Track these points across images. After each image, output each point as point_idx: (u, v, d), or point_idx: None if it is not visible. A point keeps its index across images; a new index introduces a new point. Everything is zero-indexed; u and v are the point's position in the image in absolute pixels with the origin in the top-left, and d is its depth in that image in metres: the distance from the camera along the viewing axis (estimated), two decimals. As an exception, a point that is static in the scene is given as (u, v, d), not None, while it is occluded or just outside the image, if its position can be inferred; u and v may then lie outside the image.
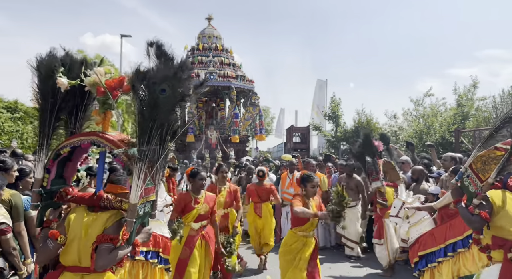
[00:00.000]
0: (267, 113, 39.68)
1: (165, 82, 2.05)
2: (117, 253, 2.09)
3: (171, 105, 2.10)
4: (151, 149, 2.05)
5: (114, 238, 2.09)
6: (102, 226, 2.14)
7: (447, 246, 3.82)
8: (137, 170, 2.04)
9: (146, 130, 2.06)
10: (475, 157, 2.83)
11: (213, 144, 15.54)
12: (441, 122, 16.31)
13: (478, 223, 2.69)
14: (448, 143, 14.94)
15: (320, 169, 7.74)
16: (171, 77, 2.06)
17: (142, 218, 2.17)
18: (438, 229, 4.03)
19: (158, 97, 2.05)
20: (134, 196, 2.04)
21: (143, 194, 2.09)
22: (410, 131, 17.82)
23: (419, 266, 4.08)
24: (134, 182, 2.04)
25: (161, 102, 2.06)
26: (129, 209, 2.06)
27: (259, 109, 17.58)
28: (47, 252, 2.16)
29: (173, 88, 2.07)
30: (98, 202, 2.22)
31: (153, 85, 2.05)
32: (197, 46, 17.23)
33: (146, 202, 2.16)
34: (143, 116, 2.08)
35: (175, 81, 2.06)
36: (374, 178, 5.37)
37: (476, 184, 2.79)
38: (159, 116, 2.06)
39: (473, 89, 16.86)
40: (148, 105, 2.06)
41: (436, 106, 18.12)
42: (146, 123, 2.06)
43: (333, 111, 19.55)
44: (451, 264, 3.75)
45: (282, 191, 7.25)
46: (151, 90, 2.05)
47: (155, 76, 2.05)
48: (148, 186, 2.15)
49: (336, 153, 18.32)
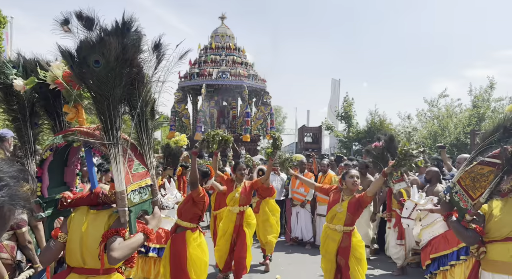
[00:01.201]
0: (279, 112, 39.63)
1: (94, 52, 1.82)
2: (130, 241, 1.95)
3: (117, 75, 1.85)
4: (118, 130, 1.90)
5: (120, 230, 1.97)
6: (105, 224, 2.03)
7: (460, 249, 3.77)
8: (113, 155, 1.90)
9: (103, 112, 1.88)
10: (463, 172, 2.60)
11: (224, 142, 15.56)
12: (456, 123, 16.05)
13: (472, 238, 2.47)
14: (463, 144, 14.69)
15: (332, 168, 7.71)
16: (98, 44, 1.81)
17: (140, 206, 2.03)
18: (451, 232, 3.96)
19: (95, 70, 1.83)
20: (118, 183, 1.90)
21: (133, 179, 1.96)
22: (424, 132, 17.57)
23: (431, 268, 4.03)
24: (113, 168, 1.91)
25: (101, 76, 1.83)
26: (117, 197, 1.92)
27: (271, 108, 17.58)
28: (49, 252, 2.08)
29: (106, 56, 1.81)
30: (96, 200, 2.13)
31: (85, 60, 1.83)
32: (210, 45, 17.31)
33: (140, 188, 2.02)
34: (95, 97, 1.90)
35: (106, 47, 1.80)
36: (398, 178, 5.28)
37: (466, 201, 2.55)
38: (111, 94, 1.86)
39: (490, 90, 16.54)
40: (92, 83, 1.86)
41: (451, 108, 17.84)
42: (100, 104, 1.88)
43: (346, 111, 19.40)
44: (464, 267, 3.69)
45: (292, 191, 7.24)
46: (85, 66, 1.84)
47: (80, 49, 1.83)
48: (139, 170, 2.03)
49: (348, 153, 18.18)
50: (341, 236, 3.78)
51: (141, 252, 3.85)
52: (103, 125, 1.91)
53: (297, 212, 7.20)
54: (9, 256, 2.91)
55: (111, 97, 1.86)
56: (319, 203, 6.98)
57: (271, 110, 17.62)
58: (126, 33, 1.88)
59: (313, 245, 7.02)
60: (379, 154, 5.36)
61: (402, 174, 5.25)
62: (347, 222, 3.77)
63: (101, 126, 1.92)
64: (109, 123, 1.88)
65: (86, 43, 1.82)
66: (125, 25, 1.88)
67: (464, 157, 5.64)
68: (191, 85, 16.91)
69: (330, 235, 3.85)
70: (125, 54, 1.86)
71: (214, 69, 16.39)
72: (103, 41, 1.80)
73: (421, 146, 3.60)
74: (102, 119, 1.91)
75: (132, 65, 1.93)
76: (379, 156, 5.37)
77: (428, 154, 9.12)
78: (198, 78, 16.50)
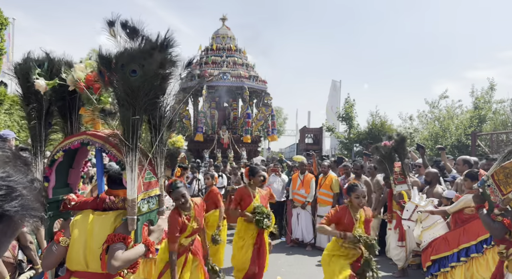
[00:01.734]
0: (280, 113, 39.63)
1: (134, 62, 1.85)
2: (132, 253, 1.93)
3: (148, 87, 1.89)
4: (138, 138, 1.91)
5: (127, 238, 1.94)
6: (111, 225, 2.00)
7: (460, 251, 3.76)
8: (129, 163, 1.90)
9: (128, 119, 1.89)
10: (498, 167, 2.68)
11: (225, 143, 15.60)
12: (457, 125, 16.03)
13: (499, 230, 2.57)
14: (464, 146, 14.66)
15: (333, 170, 7.70)
16: (139, 55, 1.85)
17: (147, 215, 2.03)
18: (451, 233, 3.97)
19: (129, 79, 1.85)
20: (130, 191, 1.90)
21: (143, 188, 1.97)
22: (425, 133, 17.55)
23: (431, 270, 4.02)
24: (128, 176, 1.91)
25: (134, 85, 1.86)
26: (128, 205, 1.91)
27: (272, 109, 17.59)
28: (51, 256, 2.03)
29: (145, 68, 1.85)
30: (102, 204, 2.11)
31: (122, 68, 1.86)
32: (211, 47, 17.35)
33: (149, 197, 2.03)
34: (122, 104, 1.91)
35: (146, 59, 1.84)
36: (400, 180, 5.27)
37: (497, 195, 2.66)
38: (137, 101, 1.88)
39: (491, 92, 16.52)
40: (123, 91, 1.88)
41: (452, 109, 17.82)
42: (126, 112, 1.89)
43: (347, 112, 19.40)
44: (464, 269, 3.69)
45: (293, 192, 7.24)
46: (120, 73, 1.86)
47: (121, 57, 1.86)
48: (149, 179, 2.04)
49: (349, 154, 18.18)
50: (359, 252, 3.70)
51: (143, 255, 3.86)
52: (124, 133, 1.91)
53: (298, 214, 7.19)
54: (11, 255, 2.91)
55: (137, 106, 1.88)
56: (320, 204, 6.97)
57: (272, 111, 17.63)
58: (166, 49, 1.91)
59: (313, 246, 7.01)
60: (387, 153, 5.35)
61: (405, 176, 5.25)
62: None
63: (122, 133, 1.93)
64: (131, 131, 1.90)
65: (129, 52, 1.85)
66: (165, 41, 1.91)
67: (462, 158, 5.63)
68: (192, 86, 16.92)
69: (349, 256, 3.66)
70: (162, 69, 1.90)
71: (215, 70, 16.42)
72: (147, 53, 1.84)
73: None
74: (124, 126, 1.92)
75: (165, 80, 1.96)
76: (387, 155, 5.36)
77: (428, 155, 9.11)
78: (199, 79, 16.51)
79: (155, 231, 2.15)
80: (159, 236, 2.17)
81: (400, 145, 5.27)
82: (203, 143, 15.51)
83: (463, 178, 4.20)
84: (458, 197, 4.35)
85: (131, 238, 1.97)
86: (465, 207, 3.99)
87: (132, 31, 1.88)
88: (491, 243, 3.57)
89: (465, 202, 3.99)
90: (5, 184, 0.76)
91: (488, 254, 3.59)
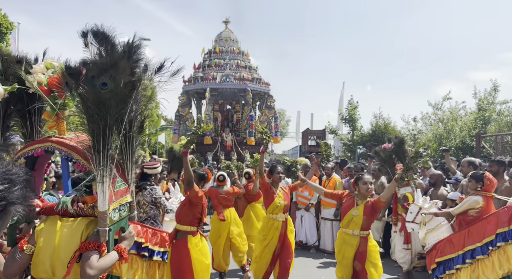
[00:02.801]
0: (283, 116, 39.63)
1: (105, 75, 1.77)
2: (106, 261, 1.88)
3: (120, 99, 1.82)
4: (109, 151, 1.84)
5: (101, 246, 1.88)
6: (83, 233, 1.91)
7: (465, 253, 3.74)
8: (100, 176, 1.83)
9: (98, 132, 1.82)
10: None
11: (228, 146, 15.63)
12: (461, 126, 15.96)
13: None
14: (469, 147, 14.59)
15: (336, 172, 7.69)
16: (110, 67, 1.77)
17: (118, 223, 1.99)
18: (456, 235, 3.94)
19: (100, 92, 1.78)
20: (102, 203, 1.84)
21: (115, 198, 1.92)
22: (429, 135, 17.49)
23: (436, 272, 4.00)
24: (99, 188, 1.84)
25: (105, 98, 1.79)
26: (99, 217, 1.86)
27: (275, 112, 17.60)
28: (15, 264, 1.91)
29: (116, 80, 1.78)
30: (69, 211, 2.02)
31: (92, 80, 1.78)
32: (214, 49, 17.42)
33: (120, 205, 1.98)
34: (91, 117, 1.83)
35: (118, 72, 1.77)
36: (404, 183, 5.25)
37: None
38: (109, 114, 1.81)
39: (494, 93, 16.45)
40: (93, 103, 1.80)
41: (456, 110, 17.76)
42: (96, 124, 1.82)
43: (350, 114, 19.36)
44: (470, 271, 3.67)
45: (296, 194, 7.22)
46: (90, 86, 1.78)
47: (91, 68, 1.78)
48: (120, 187, 1.98)
49: (352, 156, 18.13)
50: (358, 241, 3.79)
51: (145, 256, 3.86)
52: (94, 145, 1.84)
53: (302, 216, 7.18)
54: None
55: (109, 118, 1.82)
56: (324, 206, 6.96)
57: (275, 114, 17.65)
58: (134, 56, 1.86)
59: (317, 248, 6.99)
60: (387, 156, 5.33)
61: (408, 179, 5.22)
62: (363, 226, 3.80)
63: (92, 145, 1.85)
64: (101, 143, 1.83)
65: (99, 64, 1.79)
66: (133, 47, 1.86)
67: (467, 160, 5.61)
68: (195, 89, 16.99)
69: (347, 240, 3.84)
70: (132, 77, 1.85)
71: (218, 73, 16.47)
72: (116, 65, 1.77)
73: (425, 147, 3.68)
74: (94, 139, 1.84)
75: (135, 88, 1.89)
76: (387, 158, 5.34)
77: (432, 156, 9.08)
78: (202, 82, 16.58)
79: (126, 238, 2.09)
80: (131, 242, 2.10)
81: (399, 148, 5.25)
82: (207, 145, 15.54)
83: (468, 179, 4.18)
84: (462, 199, 4.34)
85: (105, 247, 1.91)
86: (469, 209, 3.97)
87: (103, 39, 1.81)
88: (496, 244, 3.55)
89: (470, 204, 3.97)
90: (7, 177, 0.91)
91: (493, 256, 3.56)
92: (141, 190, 4.35)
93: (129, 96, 1.88)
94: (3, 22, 14.05)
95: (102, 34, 1.81)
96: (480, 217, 3.84)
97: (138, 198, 4.34)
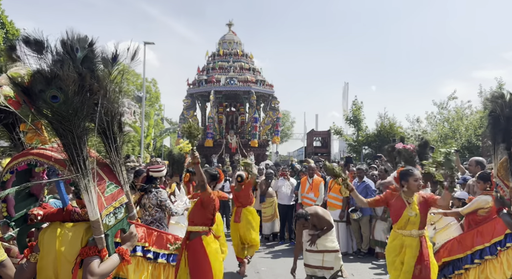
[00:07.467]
0: (287, 117, 39.59)
1: (50, 87, 1.63)
2: (108, 265, 1.88)
3: (79, 108, 1.68)
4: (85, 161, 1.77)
5: (102, 250, 1.87)
6: (83, 237, 1.91)
7: (474, 253, 3.71)
8: (82, 186, 1.77)
9: (68, 145, 1.72)
10: (498, 164, 2.94)
11: (233, 148, 15.65)
12: (467, 126, 15.85)
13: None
14: (475, 146, 14.48)
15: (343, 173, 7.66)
16: (53, 78, 1.62)
17: (116, 226, 1.96)
18: (465, 235, 3.91)
19: (54, 107, 1.64)
20: (91, 213, 1.80)
21: (106, 203, 1.88)
22: (434, 135, 17.38)
23: (445, 272, 3.97)
24: (85, 198, 1.79)
25: (62, 111, 1.65)
26: (92, 226, 1.82)
27: (279, 113, 17.62)
28: (23, 273, 1.92)
29: (65, 91, 1.62)
30: (69, 216, 2.00)
31: (40, 94, 1.64)
32: (217, 52, 17.48)
33: (115, 208, 1.94)
34: (56, 131, 1.71)
35: (63, 80, 1.61)
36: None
37: (505, 191, 2.89)
38: (74, 125, 1.69)
39: (500, 92, 16.34)
40: (53, 119, 1.68)
41: (461, 110, 17.64)
42: (63, 137, 1.71)
43: (355, 115, 19.30)
44: (478, 271, 3.63)
45: (302, 196, 7.21)
46: (42, 101, 1.65)
47: (36, 82, 1.64)
48: (112, 191, 1.94)
49: (357, 157, 18.06)
50: (418, 241, 3.53)
51: (150, 259, 3.87)
52: (69, 157, 1.76)
53: (307, 217, 7.15)
54: None
55: (74, 130, 1.71)
56: (329, 208, 6.92)
57: (278, 115, 17.66)
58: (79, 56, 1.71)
59: (323, 250, 6.96)
60: (410, 157, 5.28)
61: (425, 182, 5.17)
62: (421, 225, 3.56)
63: (67, 158, 1.78)
64: (75, 155, 1.74)
65: (40, 77, 1.63)
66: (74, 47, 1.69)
67: (475, 160, 5.56)
68: (199, 92, 17.05)
69: (406, 242, 3.54)
70: (84, 82, 1.69)
71: (222, 75, 16.51)
72: (58, 76, 1.61)
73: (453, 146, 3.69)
74: (67, 152, 1.76)
75: (93, 90, 1.74)
76: (409, 159, 5.29)
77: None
78: (206, 85, 16.63)
79: (128, 239, 2.08)
80: (133, 243, 2.08)
81: (423, 149, 5.22)
82: (212, 147, 15.58)
83: (476, 180, 4.14)
84: (470, 199, 4.30)
85: (106, 251, 1.89)
86: (478, 209, 3.93)
87: (38, 46, 1.66)
88: (505, 245, 3.51)
89: (479, 203, 3.94)
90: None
91: (502, 256, 3.52)
92: (146, 193, 4.37)
93: (91, 100, 1.75)
94: (9, 29, 14.21)
95: (35, 41, 1.65)
96: (489, 217, 3.80)
97: (144, 200, 4.36)
